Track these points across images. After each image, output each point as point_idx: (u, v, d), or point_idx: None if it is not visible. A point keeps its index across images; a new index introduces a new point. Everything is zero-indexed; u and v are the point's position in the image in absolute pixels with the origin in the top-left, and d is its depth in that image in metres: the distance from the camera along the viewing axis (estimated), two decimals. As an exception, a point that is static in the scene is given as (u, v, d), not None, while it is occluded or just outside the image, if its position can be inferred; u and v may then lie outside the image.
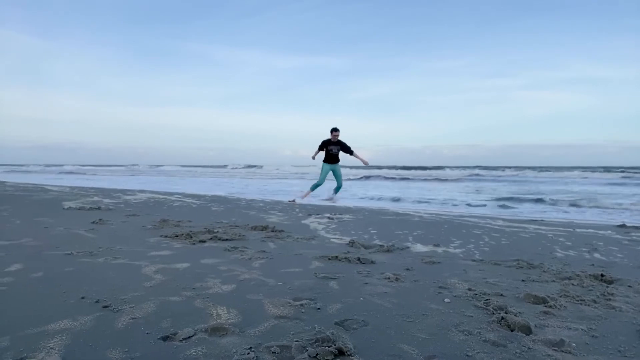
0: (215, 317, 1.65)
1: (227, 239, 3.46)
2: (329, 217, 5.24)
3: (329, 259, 2.79)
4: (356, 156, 8.09)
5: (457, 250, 3.30)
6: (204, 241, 3.35)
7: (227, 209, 6.15)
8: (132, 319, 1.61)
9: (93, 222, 4.25)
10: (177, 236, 3.51)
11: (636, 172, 23.27)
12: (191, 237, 3.48)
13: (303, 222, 4.84)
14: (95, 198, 7.15)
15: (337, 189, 8.34)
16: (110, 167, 47.06)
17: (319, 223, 4.75)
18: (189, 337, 1.45)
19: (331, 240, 3.68)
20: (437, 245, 3.48)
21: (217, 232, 3.77)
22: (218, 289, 2.04)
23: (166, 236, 3.54)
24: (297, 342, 1.38)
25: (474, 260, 2.92)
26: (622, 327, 1.66)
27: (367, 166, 8.70)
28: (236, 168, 39.54)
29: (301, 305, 1.81)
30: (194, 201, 7.17)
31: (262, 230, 4.04)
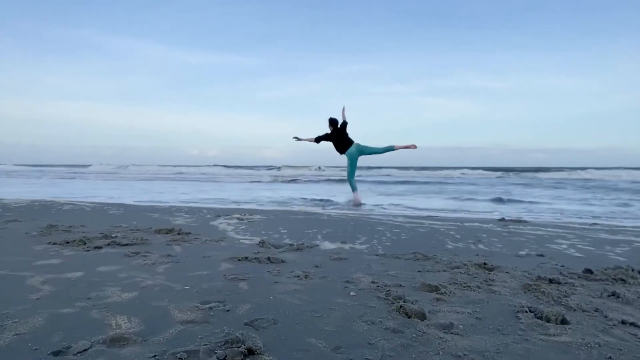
0: (114, 327, 1.54)
1: (127, 244, 3.23)
2: (238, 218, 5.16)
3: (239, 260, 2.76)
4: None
5: (362, 246, 3.49)
6: (100, 247, 3.08)
7: (127, 211, 5.72)
8: (17, 334, 1.44)
9: (-41, 230, 3.66)
10: (68, 243, 3.18)
11: (516, 172, 26.99)
12: (85, 243, 3.18)
13: (211, 223, 4.71)
14: (-38, 202, 6.15)
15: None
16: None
17: (228, 224, 4.66)
18: (85, 349, 1.33)
19: (241, 241, 3.64)
20: (344, 243, 3.64)
21: (116, 236, 3.50)
22: (117, 298, 1.90)
23: (55, 243, 3.19)
24: (205, 346, 1.36)
25: (377, 255, 3.12)
26: (500, 308, 1.91)
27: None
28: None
29: (210, 308, 1.77)
30: (88, 204, 6.54)
31: (167, 233, 3.84)
